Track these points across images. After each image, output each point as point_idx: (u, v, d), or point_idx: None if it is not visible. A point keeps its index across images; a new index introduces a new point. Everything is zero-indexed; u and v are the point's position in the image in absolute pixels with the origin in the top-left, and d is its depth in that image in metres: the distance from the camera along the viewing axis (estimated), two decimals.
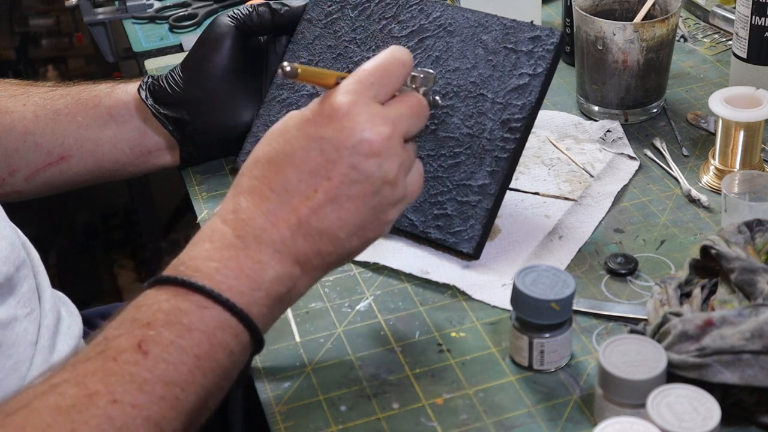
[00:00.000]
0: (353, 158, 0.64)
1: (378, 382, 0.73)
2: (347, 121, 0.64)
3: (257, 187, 0.65)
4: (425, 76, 0.70)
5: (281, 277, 0.64)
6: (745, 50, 0.99)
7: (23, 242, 0.78)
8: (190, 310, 0.61)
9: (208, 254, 0.63)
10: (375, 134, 0.64)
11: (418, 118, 0.68)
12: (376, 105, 0.65)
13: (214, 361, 0.61)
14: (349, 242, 0.65)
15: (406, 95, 0.68)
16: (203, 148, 0.95)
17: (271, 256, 0.63)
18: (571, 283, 0.70)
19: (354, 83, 0.65)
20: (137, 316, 0.61)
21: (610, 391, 0.65)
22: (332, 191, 0.64)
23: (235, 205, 0.65)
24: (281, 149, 0.65)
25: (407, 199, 0.68)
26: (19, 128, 0.92)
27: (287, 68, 0.63)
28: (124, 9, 1.35)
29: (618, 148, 0.96)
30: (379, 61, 0.67)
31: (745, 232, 0.73)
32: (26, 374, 0.72)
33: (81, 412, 0.56)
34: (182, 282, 0.62)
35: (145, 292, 0.63)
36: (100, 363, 0.59)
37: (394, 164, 0.65)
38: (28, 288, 0.74)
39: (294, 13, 0.96)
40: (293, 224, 0.64)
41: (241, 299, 0.62)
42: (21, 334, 0.72)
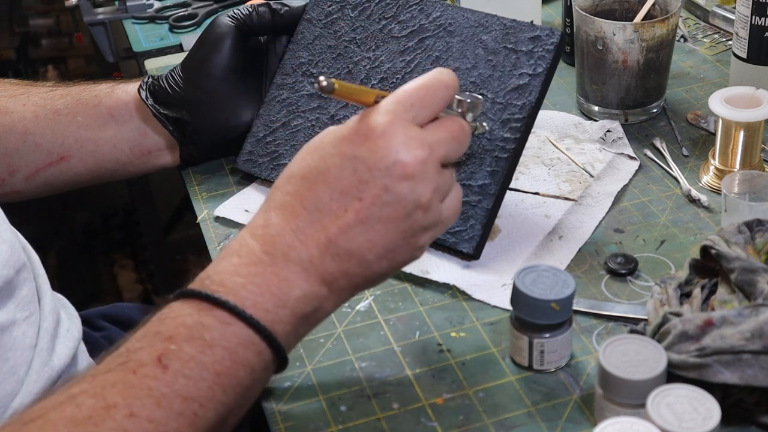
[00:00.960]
0: (386, 180, 0.62)
1: (378, 382, 0.73)
2: (382, 141, 0.62)
3: (289, 203, 0.64)
4: (472, 101, 0.68)
5: (307, 296, 0.63)
6: (745, 50, 0.99)
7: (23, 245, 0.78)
8: (212, 326, 0.60)
9: (235, 269, 0.62)
10: (410, 157, 0.62)
11: (459, 143, 0.66)
12: (414, 127, 0.64)
13: (234, 379, 0.60)
14: (377, 264, 0.64)
15: (448, 119, 0.66)
16: (203, 148, 0.95)
17: (298, 274, 0.62)
18: (571, 283, 0.70)
19: (393, 103, 0.64)
20: (160, 329, 0.61)
21: (610, 391, 0.65)
22: (363, 212, 0.63)
23: (265, 220, 0.64)
24: (315, 166, 0.64)
25: (442, 225, 0.67)
26: (19, 128, 0.92)
27: (324, 83, 0.61)
28: (124, 9, 1.35)
29: (618, 148, 0.96)
30: (422, 83, 0.65)
31: (745, 232, 0.73)
32: (24, 378, 0.71)
33: (97, 425, 0.56)
34: (206, 296, 0.61)
35: (170, 304, 0.63)
36: (119, 375, 0.58)
37: (427, 189, 0.63)
38: (27, 291, 0.74)
39: (294, 13, 0.96)
40: (322, 243, 0.63)
41: (265, 316, 0.61)
42: (19, 338, 0.71)
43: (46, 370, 0.73)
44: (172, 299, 0.63)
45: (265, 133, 0.94)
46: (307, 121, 0.93)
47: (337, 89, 0.62)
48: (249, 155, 0.94)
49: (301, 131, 0.93)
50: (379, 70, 0.90)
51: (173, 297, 0.63)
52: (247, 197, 0.93)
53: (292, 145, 0.93)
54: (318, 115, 0.92)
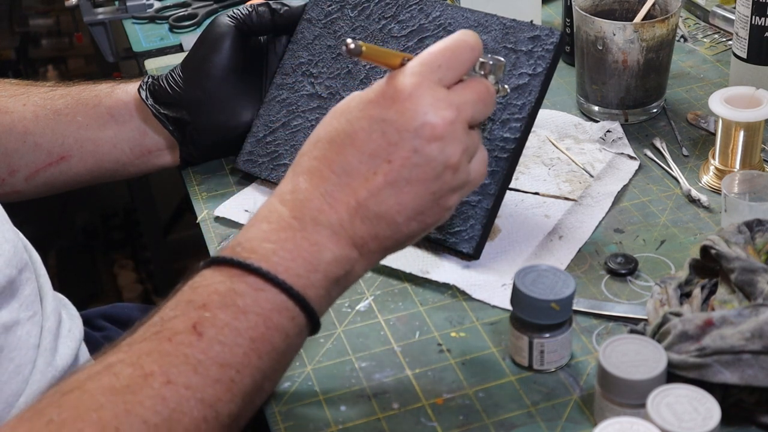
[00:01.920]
0: (415, 141, 0.63)
1: (378, 382, 0.73)
2: (410, 103, 0.63)
3: (317, 167, 0.64)
4: (495, 63, 0.68)
5: (338, 260, 0.63)
6: (745, 50, 0.99)
7: (25, 245, 0.78)
8: (245, 292, 0.61)
9: (265, 235, 0.63)
10: (438, 118, 0.63)
11: (485, 105, 0.66)
12: (441, 89, 0.64)
13: (269, 344, 0.61)
14: (407, 226, 0.64)
15: (474, 81, 0.66)
16: (203, 148, 0.95)
17: (328, 238, 0.63)
18: (571, 283, 0.70)
19: (419, 65, 0.64)
20: (193, 297, 0.61)
21: (610, 391, 0.65)
22: (392, 174, 0.63)
23: (293, 186, 0.64)
24: (342, 129, 0.64)
25: (470, 186, 0.67)
26: (19, 128, 0.92)
27: (351, 45, 0.61)
28: (124, 9, 1.35)
29: (618, 148, 0.96)
30: (447, 44, 0.65)
31: (745, 232, 0.73)
32: (29, 377, 0.71)
33: (135, 393, 0.56)
34: (238, 263, 0.61)
35: (201, 272, 0.63)
36: (155, 344, 0.58)
37: (456, 149, 0.64)
38: (30, 291, 0.74)
39: (294, 13, 0.96)
40: (351, 206, 0.63)
41: (297, 281, 0.61)
42: (23, 337, 0.72)
43: (49, 370, 0.73)
44: (203, 267, 0.63)
45: (265, 133, 0.94)
46: (307, 121, 0.93)
47: (365, 51, 0.62)
48: (249, 155, 0.94)
49: (301, 131, 0.93)
50: (379, 69, 0.90)
51: (203, 265, 0.63)
52: (247, 197, 0.93)
53: (292, 145, 0.93)
54: (318, 115, 0.92)
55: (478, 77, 0.67)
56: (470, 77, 0.67)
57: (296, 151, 0.92)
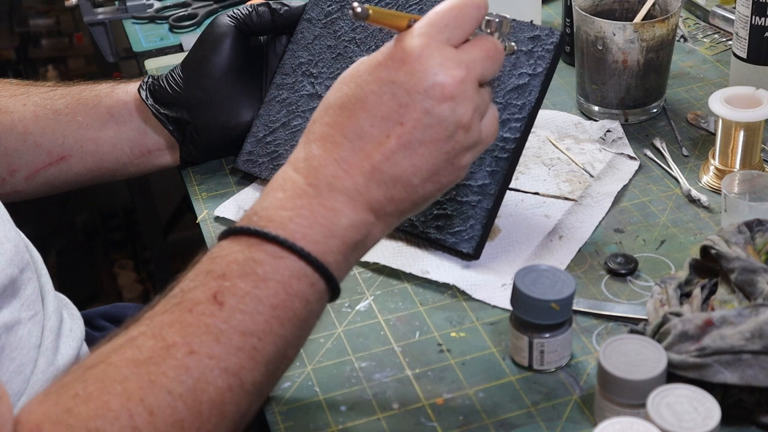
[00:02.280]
0: (426, 102, 0.62)
1: (378, 382, 0.73)
2: (419, 64, 0.62)
3: (329, 133, 0.64)
4: (500, 21, 0.68)
5: (355, 225, 0.63)
6: (745, 50, 0.99)
7: (27, 245, 0.78)
8: (264, 261, 0.61)
9: (281, 203, 0.63)
10: (448, 78, 0.63)
11: (493, 62, 0.66)
12: (450, 48, 0.64)
13: (290, 311, 0.61)
14: (423, 188, 0.64)
15: (481, 38, 0.66)
16: (203, 148, 0.95)
17: (344, 203, 0.63)
18: (571, 283, 0.70)
19: (426, 26, 0.64)
20: (212, 267, 0.61)
21: (610, 391, 0.65)
22: (405, 136, 0.63)
23: (307, 153, 0.64)
24: (353, 94, 0.64)
25: (482, 144, 0.67)
26: (19, 128, 0.92)
27: (358, 9, 0.61)
28: (124, 9, 1.35)
29: (618, 148, 0.96)
30: (454, 3, 0.65)
31: (745, 232, 0.73)
32: (30, 377, 0.71)
33: (158, 364, 0.56)
34: (256, 232, 0.61)
35: (219, 243, 0.63)
36: (176, 315, 0.59)
37: (468, 108, 0.64)
38: (32, 291, 0.74)
39: (294, 13, 0.96)
40: (366, 171, 0.63)
41: (315, 248, 0.61)
42: (25, 337, 0.72)
43: (51, 370, 0.73)
44: (220, 238, 0.63)
45: (265, 133, 0.94)
46: (306, 121, 0.93)
47: (372, 14, 0.62)
48: (249, 155, 0.94)
49: (300, 131, 0.92)
50: None
51: (221, 236, 0.63)
52: (247, 197, 0.93)
53: (291, 145, 0.93)
54: None
55: (485, 35, 0.67)
56: (477, 35, 0.66)
57: None
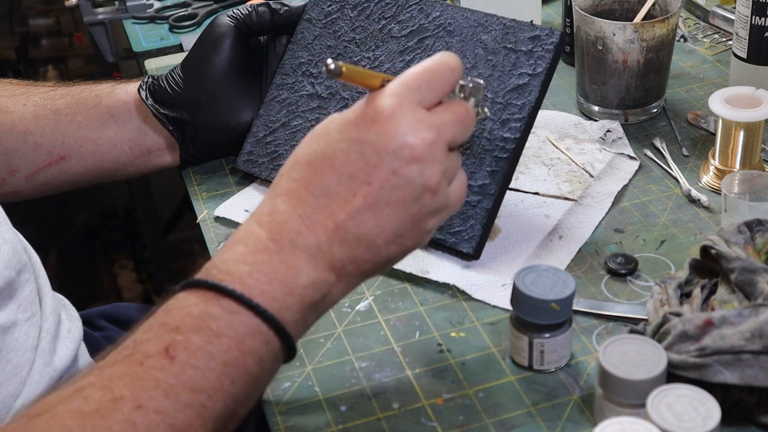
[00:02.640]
0: (394, 163, 0.62)
1: (378, 382, 0.73)
2: (390, 124, 0.62)
3: (295, 189, 0.63)
4: (475, 86, 0.67)
5: (315, 283, 0.62)
6: (745, 50, 0.99)
7: (25, 246, 0.78)
8: (219, 316, 0.60)
9: (241, 257, 0.62)
10: (418, 139, 0.62)
11: (464, 126, 0.65)
12: (421, 110, 0.63)
13: (243, 369, 0.60)
14: (386, 249, 0.63)
15: (454, 103, 0.66)
16: (203, 148, 0.95)
17: (305, 261, 0.62)
18: (571, 283, 0.70)
19: (399, 86, 0.63)
20: (166, 320, 0.60)
21: (610, 391, 0.65)
22: (371, 196, 0.62)
23: (271, 207, 0.63)
24: (321, 151, 0.63)
25: (450, 209, 0.66)
26: (19, 128, 0.92)
27: (331, 66, 0.61)
28: (124, 9, 1.35)
29: (618, 148, 0.96)
30: (427, 66, 0.64)
31: (745, 232, 0.73)
32: (26, 379, 0.71)
33: (104, 417, 0.55)
34: (213, 286, 0.60)
35: (175, 295, 0.62)
36: (126, 367, 0.58)
37: (436, 171, 0.63)
38: (29, 292, 0.74)
39: (294, 13, 0.96)
40: (330, 229, 0.62)
41: (273, 305, 0.61)
42: (21, 339, 0.71)
43: (47, 371, 0.73)
44: (178, 290, 0.63)
45: (265, 133, 0.94)
46: (306, 121, 0.93)
47: (345, 72, 0.62)
48: (249, 155, 0.94)
49: (300, 131, 0.93)
50: (379, 70, 0.90)
51: (179, 288, 0.63)
52: (247, 197, 0.93)
53: (291, 145, 0.93)
54: (318, 115, 0.92)
55: (458, 99, 0.67)
56: (450, 99, 0.66)
57: None
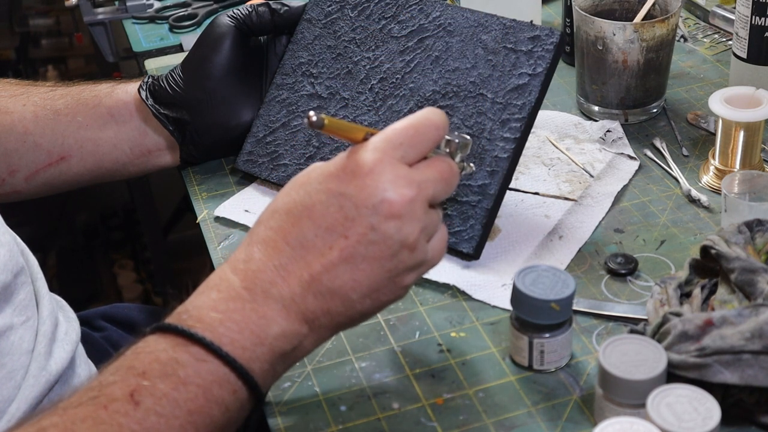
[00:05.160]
0: (373, 218, 0.61)
1: (378, 382, 0.73)
2: (370, 179, 0.62)
3: (272, 238, 0.63)
4: (461, 142, 0.67)
5: (287, 334, 0.62)
6: (745, 50, 0.99)
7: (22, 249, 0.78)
8: (187, 363, 0.59)
9: (213, 304, 0.61)
10: (398, 196, 0.62)
11: (447, 184, 0.65)
12: (403, 166, 0.63)
13: (208, 417, 0.59)
14: (360, 304, 0.63)
15: (437, 159, 0.65)
16: (203, 148, 0.95)
17: (278, 311, 0.61)
18: (571, 283, 0.70)
19: (382, 141, 0.63)
20: (134, 363, 0.59)
21: (610, 391, 0.65)
22: (348, 250, 0.62)
23: (247, 255, 0.63)
24: (300, 201, 0.63)
25: (427, 265, 0.66)
26: (19, 128, 0.92)
27: (313, 118, 0.61)
28: (124, 9, 1.35)
29: (618, 148, 0.96)
30: (412, 121, 0.64)
31: (745, 232, 0.73)
32: (21, 383, 0.71)
33: None
34: (182, 332, 0.60)
35: (145, 338, 0.62)
36: (90, 409, 0.57)
37: (415, 228, 0.63)
38: (25, 295, 0.73)
39: (294, 13, 0.96)
40: (304, 280, 0.62)
41: (242, 354, 0.60)
42: (16, 343, 0.71)
43: (43, 375, 0.73)
44: (149, 332, 0.62)
45: (265, 133, 0.94)
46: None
47: (327, 125, 0.62)
48: (249, 155, 0.94)
49: (301, 131, 0.93)
50: (379, 69, 0.90)
51: (149, 330, 0.62)
52: (247, 197, 0.93)
53: (291, 145, 0.93)
54: None
55: (442, 155, 0.66)
56: (435, 154, 0.66)
57: (296, 151, 0.92)
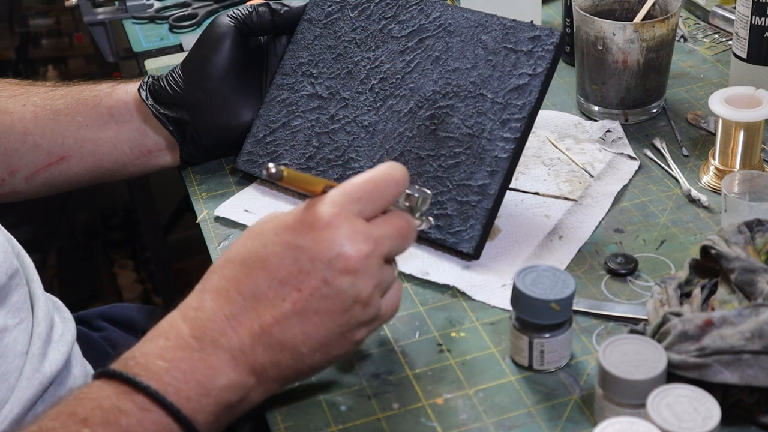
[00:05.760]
0: (327, 272, 0.61)
1: (378, 382, 0.73)
2: (327, 233, 0.61)
3: (225, 287, 0.62)
4: (421, 197, 0.68)
5: (234, 386, 0.61)
6: (745, 50, 0.99)
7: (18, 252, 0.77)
8: (130, 411, 0.58)
9: (161, 352, 0.61)
10: (353, 251, 0.62)
11: (403, 239, 0.65)
12: (360, 221, 0.63)
13: None
14: (310, 357, 0.63)
15: (395, 215, 0.65)
16: (203, 148, 0.95)
17: (226, 362, 0.61)
18: (571, 283, 0.70)
19: (341, 195, 0.63)
20: (76, 409, 0.59)
21: (610, 391, 0.65)
22: (300, 303, 0.61)
23: (198, 303, 0.63)
24: (255, 252, 0.63)
25: (380, 321, 0.66)
26: (19, 128, 0.92)
27: (272, 170, 0.60)
28: (124, 9, 1.35)
29: (618, 148, 0.96)
30: (371, 176, 0.64)
31: (745, 232, 0.73)
32: (15, 385, 0.71)
33: None
34: (127, 379, 0.59)
35: (89, 383, 0.61)
36: None
37: (368, 284, 0.63)
38: (19, 297, 0.73)
39: (294, 13, 0.96)
40: (255, 332, 0.61)
41: (187, 405, 0.59)
42: (10, 345, 0.71)
43: (37, 377, 0.72)
44: (94, 377, 0.61)
45: (265, 133, 0.94)
46: (307, 122, 0.93)
47: (286, 177, 0.61)
48: (249, 155, 0.94)
49: (301, 131, 0.93)
50: (379, 70, 0.90)
51: (95, 375, 0.61)
52: (247, 197, 0.93)
53: (291, 145, 0.93)
54: (318, 116, 0.92)
55: (400, 211, 0.66)
56: (394, 209, 0.66)
57: (296, 151, 0.92)
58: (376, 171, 0.65)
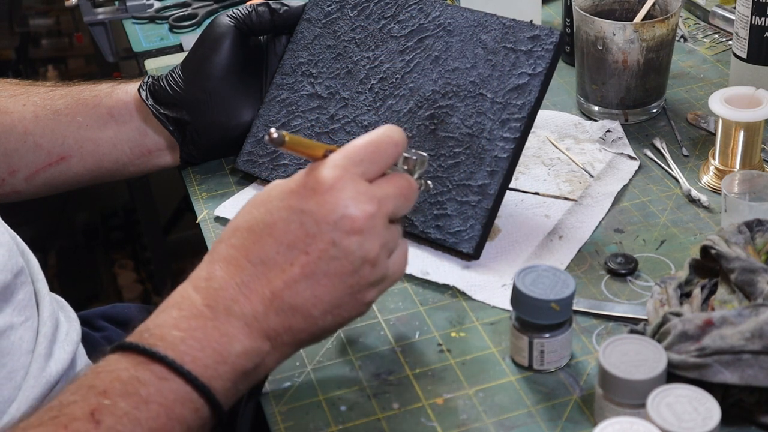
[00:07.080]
0: (334, 234, 0.62)
1: (378, 382, 0.73)
2: (331, 195, 0.62)
3: (233, 256, 0.63)
4: (418, 159, 0.68)
5: (248, 352, 0.62)
6: (745, 50, 0.99)
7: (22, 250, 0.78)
8: (149, 381, 0.59)
9: (175, 323, 0.61)
10: (358, 211, 0.62)
11: (406, 199, 0.66)
12: (363, 182, 0.63)
13: None
14: (322, 320, 0.63)
15: (397, 176, 0.66)
16: (203, 148, 0.95)
17: (240, 329, 0.61)
18: (571, 283, 0.70)
19: (342, 158, 0.64)
20: (95, 382, 0.59)
21: (610, 391, 0.65)
22: (309, 266, 0.62)
23: (209, 273, 0.63)
24: (262, 219, 0.63)
25: (388, 281, 0.66)
26: (19, 128, 0.92)
27: (274, 135, 0.61)
28: (124, 9, 1.35)
29: (618, 148, 0.96)
30: (371, 138, 0.65)
31: (745, 232, 0.73)
32: (21, 383, 0.71)
33: None
34: (144, 350, 0.60)
35: (106, 357, 0.61)
36: (50, 429, 0.56)
37: (375, 244, 0.63)
38: (24, 295, 0.73)
39: (293, 13, 0.96)
40: (266, 297, 0.62)
41: (204, 372, 0.60)
42: (16, 343, 0.71)
43: (44, 375, 0.72)
44: (110, 351, 0.62)
45: (265, 133, 0.94)
46: (306, 121, 0.93)
47: (287, 141, 0.62)
48: (249, 155, 0.95)
49: (300, 131, 0.93)
50: (379, 69, 0.90)
51: (111, 349, 0.62)
52: (247, 197, 0.93)
53: None
54: (318, 115, 0.92)
55: (400, 172, 0.67)
56: (393, 171, 0.66)
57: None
58: (376, 133, 0.65)
